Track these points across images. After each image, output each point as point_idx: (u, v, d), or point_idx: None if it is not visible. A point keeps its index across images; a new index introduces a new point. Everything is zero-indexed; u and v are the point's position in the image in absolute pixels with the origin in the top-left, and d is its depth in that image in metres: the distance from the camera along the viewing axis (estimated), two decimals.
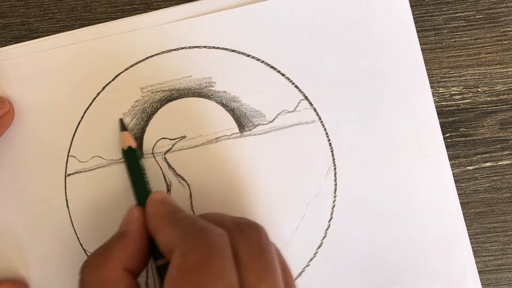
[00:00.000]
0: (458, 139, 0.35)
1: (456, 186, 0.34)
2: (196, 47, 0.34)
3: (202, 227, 0.26)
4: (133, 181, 0.32)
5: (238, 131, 0.34)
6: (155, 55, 0.34)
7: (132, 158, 0.32)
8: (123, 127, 0.33)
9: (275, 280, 0.25)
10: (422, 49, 0.34)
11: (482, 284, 0.34)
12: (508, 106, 0.35)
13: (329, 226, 0.34)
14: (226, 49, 0.34)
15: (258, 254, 0.26)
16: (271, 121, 0.34)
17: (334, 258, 0.33)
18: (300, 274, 0.33)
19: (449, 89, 0.35)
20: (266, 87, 0.34)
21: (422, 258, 0.33)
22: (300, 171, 0.34)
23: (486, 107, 0.35)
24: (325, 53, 0.34)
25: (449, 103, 0.35)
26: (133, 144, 0.33)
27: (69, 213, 0.33)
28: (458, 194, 0.34)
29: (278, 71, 0.34)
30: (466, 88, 0.35)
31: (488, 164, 0.35)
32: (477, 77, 0.35)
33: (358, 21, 0.34)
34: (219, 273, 0.24)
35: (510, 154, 0.35)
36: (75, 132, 0.34)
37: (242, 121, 0.34)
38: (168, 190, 0.34)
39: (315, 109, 0.34)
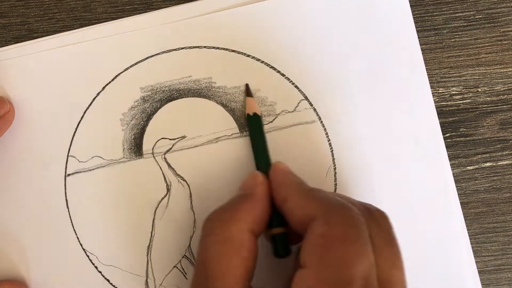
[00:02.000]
0: (458, 139, 0.35)
1: (456, 186, 0.34)
2: (196, 47, 0.34)
3: (343, 203, 0.26)
4: (256, 147, 0.32)
5: (238, 131, 0.34)
6: (155, 55, 0.34)
7: (257, 124, 0.33)
8: (249, 92, 0.33)
9: (403, 269, 0.25)
10: (422, 49, 0.34)
11: (482, 284, 0.34)
12: (508, 106, 0.35)
13: None
14: (226, 49, 0.34)
15: (390, 241, 0.26)
16: (271, 121, 0.34)
17: None
18: None
19: (449, 89, 0.35)
20: (266, 87, 0.34)
21: (422, 258, 0.33)
22: (300, 171, 0.33)
23: (486, 107, 0.35)
24: (325, 53, 0.34)
25: (449, 103, 0.35)
26: (258, 111, 0.33)
27: (69, 213, 0.33)
28: (458, 194, 0.34)
29: (278, 71, 0.34)
30: (466, 88, 0.35)
31: (488, 164, 0.35)
32: (477, 77, 0.35)
33: (358, 21, 0.34)
34: (363, 250, 0.24)
35: (510, 154, 0.35)
36: (75, 132, 0.34)
37: (242, 121, 0.34)
38: (168, 190, 0.34)
39: (315, 109, 0.34)
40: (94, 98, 0.34)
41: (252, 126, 0.33)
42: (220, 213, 0.28)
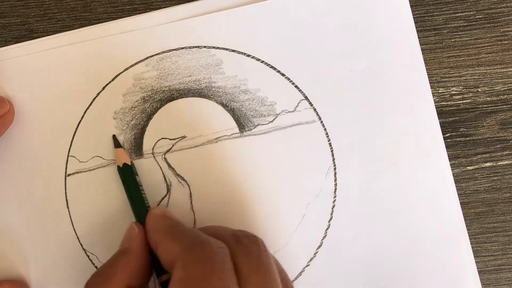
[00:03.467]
0: (458, 139, 0.35)
1: (456, 186, 0.34)
2: (196, 47, 0.34)
3: (202, 239, 0.26)
4: (131, 198, 0.32)
5: (238, 131, 0.34)
6: (155, 55, 0.34)
7: (128, 175, 0.32)
8: (117, 143, 0.33)
9: None
10: (422, 49, 0.34)
11: (482, 284, 0.34)
12: (508, 106, 0.35)
13: (329, 226, 0.34)
14: (226, 49, 0.34)
15: (258, 267, 0.26)
16: (271, 121, 0.34)
17: (334, 258, 0.33)
18: (300, 274, 0.33)
19: (449, 89, 0.35)
20: (266, 87, 0.34)
21: (422, 258, 0.33)
22: (300, 171, 0.34)
23: (486, 107, 0.35)
24: (325, 53, 0.34)
25: (449, 103, 0.35)
26: (128, 161, 0.33)
27: (69, 213, 0.33)
28: (458, 194, 0.34)
29: (278, 71, 0.34)
30: (466, 88, 0.35)
31: (488, 164, 0.35)
32: (477, 77, 0.35)
33: (358, 21, 0.34)
34: (221, 284, 0.24)
35: (510, 154, 0.35)
36: (75, 132, 0.34)
37: (242, 121, 0.34)
38: (168, 190, 0.34)
39: (315, 109, 0.34)
40: (94, 98, 0.34)
41: (125, 177, 0.32)
42: (95, 278, 0.28)
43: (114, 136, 0.33)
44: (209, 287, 0.24)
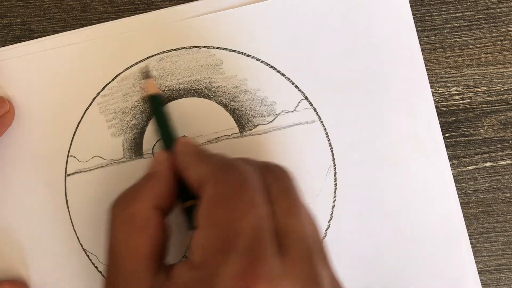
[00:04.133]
0: (458, 139, 0.35)
1: (456, 186, 0.34)
2: (196, 47, 0.34)
3: (233, 161, 0.27)
4: (159, 126, 0.32)
5: (238, 131, 0.34)
6: (155, 55, 0.34)
7: (157, 104, 0.33)
8: (146, 75, 0.33)
9: (301, 218, 0.25)
10: (422, 49, 0.34)
11: (482, 284, 0.34)
12: (508, 106, 0.35)
13: (329, 226, 0.34)
14: (226, 49, 0.34)
15: (287, 191, 0.26)
16: (271, 121, 0.34)
17: (334, 258, 0.33)
18: None
19: (449, 89, 0.35)
20: (266, 87, 0.34)
21: (422, 258, 0.33)
22: (300, 171, 0.34)
23: (486, 107, 0.35)
24: (325, 53, 0.34)
25: (449, 103, 0.35)
26: (158, 91, 0.33)
27: (69, 213, 0.33)
28: (458, 194, 0.34)
29: (278, 71, 0.34)
30: (466, 88, 0.35)
31: (488, 164, 0.35)
32: (477, 77, 0.35)
33: (358, 21, 0.34)
34: (252, 202, 0.24)
35: (510, 154, 0.35)
36: (75, 132, 0.34)
37: (242, 121, 0.34)
38: None
39: (315, 109, 0.34)
40: (94, 98, 0.34)
41: (154, 106, 0.33)
42: (121, 197, 0.28)
43: (145, 67, 0.33)
44: (241, 204, 0.24)
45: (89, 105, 0.34)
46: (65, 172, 0.34)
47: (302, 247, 0.24)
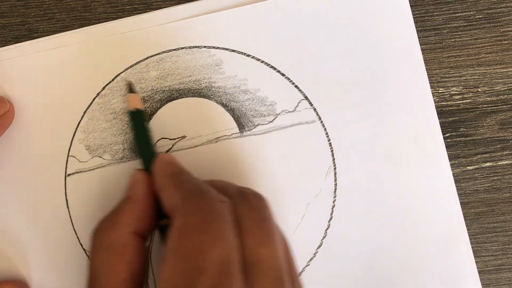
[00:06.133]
0: (458, 139, 0.35)
1: (456, 186, 0.34)
2: (196, 47, 0.34)
3: (204, 190, 0.26)
4: (138, 143, 0.32)
5: (238, 131, 0.34)
6: (155, 55, 0.34)
7: (139, 120, 0.32)
8: (130, 89, 0.33)
9: (275, 247, 0.25)
10: (422, 49, 0.34)
11: (482, 284, 0.34)
12: (508, 106, 0.35)
13: (329, 226, 0.34)
14: (226, 49, 0.34)
15: (261, 220, 0.26)
16: (271, 121, 0.34)
17: (334, 258, 0.33)
18: (300, 274, 0.33)
19: (449, 89, 0.35)
20: (266, 87, 0.34)
21: (422, 258, 0.33)
22: (300, 171, 0.34)
23: (486, 107, 0.35)
24: (325, 53, 0.34)
25: (449, 103, 0.35)
26: (140, 106, 0.33)
27: (69, 213, 0.33)
28: (458, 194, 0.34)
29: (278, 71, 0.34)
30: (466, 88, 0.35)
31: (488, 164, 0.35)
32: (477, 77, 0.35)
33: (358, 21, 0.34)
34: (219, 234, 0.24)
35: (510, 154, 0.35)
36: (75, 132, 0.34)
37: (242, 121, 0.34)
38: None
39: (315, 109, 0.34)
40: (94, 98, 0.34)
41: (135, 122, 0.32)
42: (101, 224, 0.28)
43: (129, 82, 0.33)
44: (207, 235, 0.24)
45: (89, 105, 0.34)
46: (65, 172, 0.34)
47: (273, 277, 0.24)
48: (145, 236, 0.28)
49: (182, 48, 0.34)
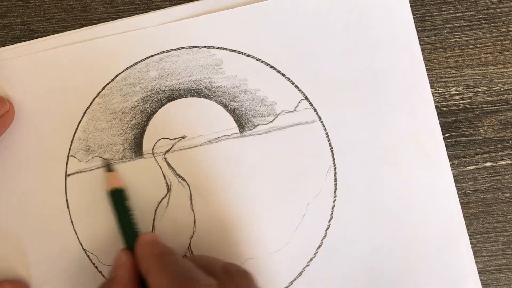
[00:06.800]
0: (458, 139, 0.35)
1: (456, 186, 0.34)
2: (196, 47, 0.34)
3: (191, 277, 0.26)
4: (120, 223, 0.32)
5: (238, 131, 0.34)
6: (155, 55, 0.34)
7: (119, 200, 0.32)
8: (108, 167, 0.33)
9: None
10: (422, 49, 0.34)
11: (482, 284, 0.34)
12: (508, 106, 0.35)
13: (329, 226, 0.34)
14: (226, 49, 0.34)
15: None
16: (271, 121, 0.34)
17: (334, 258, 0.33)
18: (300, 274, 0.33)
19: (449, 89, 0.35)
20: (266, 87, 0.34)
21: (422, 258, 0.33)
22: (300, 171, 0.34)
23: (486, 107, 0.35)
24: (325, 53, 0.34)
25: (449, 103, 0.35)
26: (120, 185, 0.32)
27: (69, 213, 0.33)
28: (458, 194, 0.34)
29: (278, 71, 0.34)
30: (466, 88, 0.35)
31: (488, 164, 0.35)
32: (477, 77, 0.35)
33: (358, 21, 0.34)
34: None
35: (510, 154, 0.35)
36: (75, 132, 0.34)
37: (242, 121, 0.34)
38: (168, 190, 0.34)
39: (315, 109, 0.34)
40: (94, 98, 0.34)
41: (115, 202, 0.32)
42: None
43: (105, 161, 0.33)
44: None
45: (89, 105, 0.34)
46: (65, 172, 0.34)
47: None
48: None
49: (182, 48, 0.34)
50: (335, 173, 0.34)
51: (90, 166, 0.34)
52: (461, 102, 0.35)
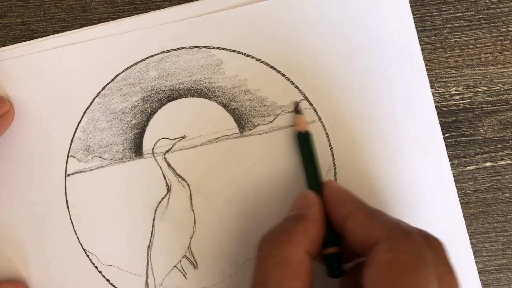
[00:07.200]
0: (458, 139, 0.35)
1: (456, 186, 0.34)
2: (196, 47, 0.34)
3: (407, 229, 0.26)
4: (307, 166, 0.32)
5: (238, 131, 0.34)
6: (155, 55, 0.34)
7: (307, 142, 0.32)
8: (298, 110, 0.33)
9: None
10: (422, 49, 0.34)
11: (482, 284, 0.34)
12: (508, 106, 0.35)
13: None
14: (226, 49, 0.34)
15: (450, 270, 0.26)
16: (271, 121, 0.34)
17: None
18: None
19: (449, 89, 0.35)
20: (266, 87, 0.34)
21: None
22: (300, 171, 0.34)
23: (486, 107, 0.35)
24: (325, 53, 0.34)
25: (449, 103, 0.35)
26: (309, 128, 0.33)
27: (69, 213, 0.33)
28: (458, 194, 0.34)
29: (278, 71, 0.34)
30: (466, 88, 0.35)
31: (488, 164, 0.35)
32: (477, 77, 0.35)
33: (358, 21, 0.34)
34: (429, 278, 0.24)
35: (510, 154, 0.35)
36: (75, 132, 0.34)
37: (242, 121, 0.34)
38: (168, 190, 0.34)
39: (315, 109, 0.34)
40: (94, 98, 0.34)
41: (303, 144, 0.33)
42: (276, 234, 0.28)
43: (296, 102, 0.33)
44: (418, 278, 0.24)
45: (89, 105, 0.34)
46: (65, 172, 0.34)
47: None
48: (314, 258, 0.28)
49: (182, 48, 0.34)
50: (335, 173, 0.34)
51: (90, 166, 0.34)
52: (461, 102, 0.35)
